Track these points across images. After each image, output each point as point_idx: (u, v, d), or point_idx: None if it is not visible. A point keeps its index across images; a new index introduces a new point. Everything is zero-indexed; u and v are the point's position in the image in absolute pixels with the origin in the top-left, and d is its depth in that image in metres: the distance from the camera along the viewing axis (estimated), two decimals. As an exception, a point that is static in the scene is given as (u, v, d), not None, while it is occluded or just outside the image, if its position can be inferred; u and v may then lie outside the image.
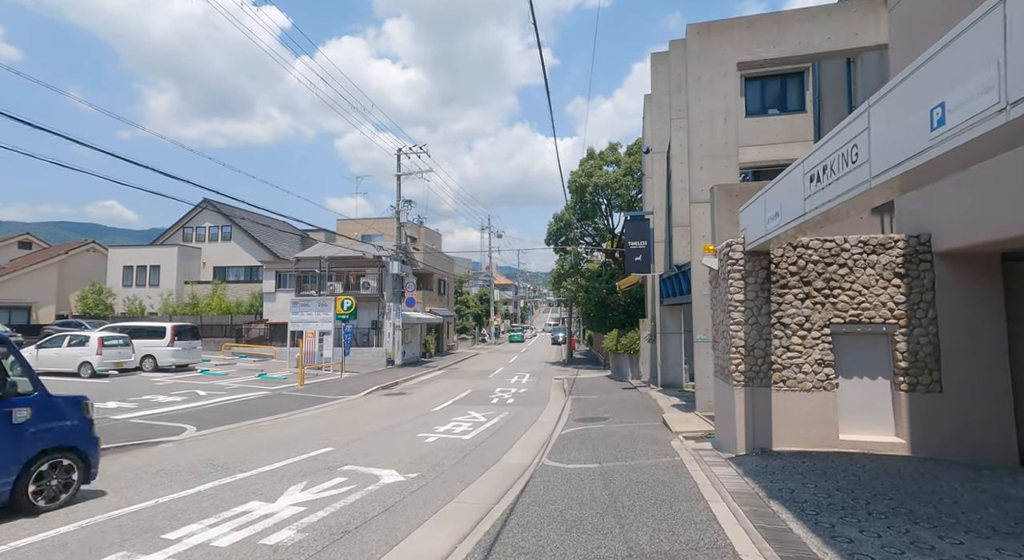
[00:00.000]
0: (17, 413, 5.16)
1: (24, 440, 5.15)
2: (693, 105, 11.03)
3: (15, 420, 5.11)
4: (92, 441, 5.85)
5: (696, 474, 6.05)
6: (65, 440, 5.55)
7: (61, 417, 5.63)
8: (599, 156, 29.98)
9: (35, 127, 8.48)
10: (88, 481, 5.76)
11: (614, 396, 15.14)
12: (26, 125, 8.37)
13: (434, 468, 7.31)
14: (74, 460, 5.60)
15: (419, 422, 11.24)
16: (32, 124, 8.40)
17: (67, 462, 5.52)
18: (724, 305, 7.32)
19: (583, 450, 8.03)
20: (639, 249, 16.70)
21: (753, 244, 6.74)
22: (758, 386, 6.86)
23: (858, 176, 3.73)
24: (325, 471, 6.96)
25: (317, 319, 24.39)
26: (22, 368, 5.50)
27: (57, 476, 5.42)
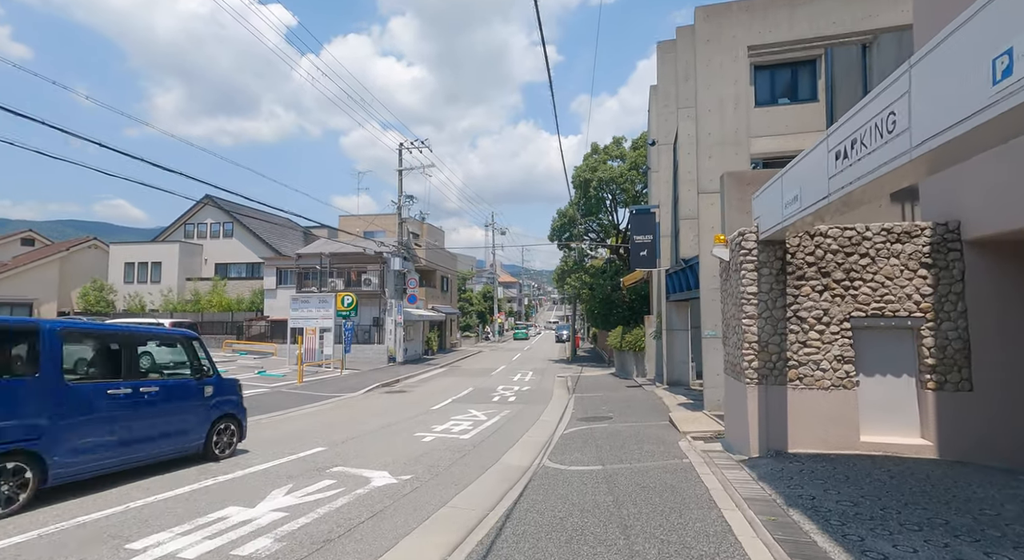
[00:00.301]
0: (207, 390, 7.22)
1: (210, 409, 7.22)
2: (702, 92, 10.57)
3: (205, 395, 7.18)
4: (243, 412, 7.91)
5: (707, 478, 5.65)
6: (230, 410, 7.57)
7: (228, 393, 7.63)
8: (603, 151, 29.49)
9: (42, 123, 8.40)
10: (241, 440, 7.78)
11: (618, 394, 14.73)
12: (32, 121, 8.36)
13: (429, 469, 6.94)
14: (235, 425, 7.64)
15: (417, 421, 10.88)
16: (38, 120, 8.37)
17: (232, 426, 7.58)
18: (736, 298, 6.90)
19: (586, 451, 7.64)
20: (644, 243, 16.26)
21: (767, 233, 6.31)
22: (772, 384, 6.44)
23: (895, 147, 3.31)
24: (314, 472, 6.60)
25: (318, 316, 24.10)
26: (207, 358, 7.47)
27: (226, 435, 7.46)
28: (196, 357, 7.28)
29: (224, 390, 7.53)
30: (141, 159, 10.41)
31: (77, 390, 5.56)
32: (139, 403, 6.18)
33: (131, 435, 6.02)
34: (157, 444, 6.37)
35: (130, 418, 6.04)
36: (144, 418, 6.22)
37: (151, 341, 6.87)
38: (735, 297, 6.94)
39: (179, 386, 6.86)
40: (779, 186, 5.73)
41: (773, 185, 5.91)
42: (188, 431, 6.83)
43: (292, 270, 28.82)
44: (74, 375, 5.71)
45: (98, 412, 5.70)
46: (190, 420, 6.87)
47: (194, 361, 7.23)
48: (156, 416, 6.39)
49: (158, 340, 7.01)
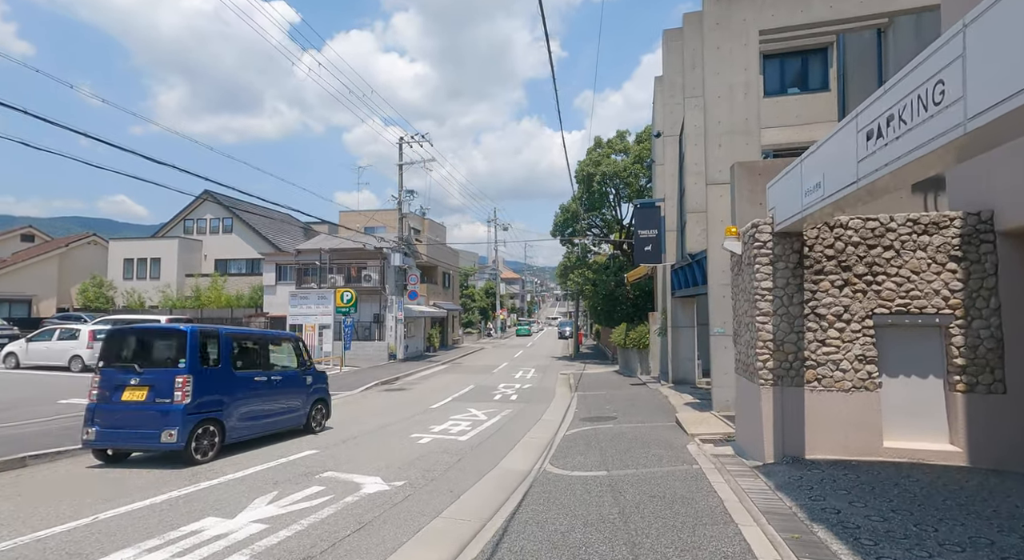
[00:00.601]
0: (308, 379, 9.07)
1: (310, 393, 9.07)
2: (710, 79, 10.12)
3: (307, 383, 9.03)
4: (329, 397, 9.75)
5: (720, 487, 5.26)
6: (322, 395, 9.43)
7: (321, 382, 9.49)
8: (607, 144, 29.00)
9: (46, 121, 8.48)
10: (327, 419, 9.61)
11: (623, 392, 14.34)
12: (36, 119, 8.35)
13: (424, 474, 6.58)
14: (325, 406, 9.52)
15: (415, 421, 10.53)
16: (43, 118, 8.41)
17: (323, 407, 9.44)
18: (749, 294, 6.49)
19: (589, 454, 7.26)
20: (649, 238, 15.82)
21: (783, 224, 5.89)
22: (788, 385, 6.03)
23: (944, 121, 2.89)
24: (301, 478, 6.25)
25: (317, 312, 23.81)
26: (307, 353, 9.46)
27: (319, 414, 9.27)
28: (301, 354, 9.26)
29: (318, 380, 9.46)
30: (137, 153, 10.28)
31: (239, 377, 7.66)
32: (271, 387, 8.24)
33: (267, 410, 8.13)
34: (280, 418, 8.42)
35: (266, 398, 8.11)
36: (273, 399, 8.27)
37: (274, 342, 8.93)
38: (748, 293, 6.54)
39: (292, 375, 8.80)
40: (798, 173, 5.31)
41: (791, 172, 5.49)
42: (297, 410, 8.78)
43: (291, 266, 28.51)
44: (236, 367, 7.69)
45: (249, 393, 7.76)
46: (298, 401, 8.81)
47: (300, 357, 9.20)
48: (280, 398, 8.40)
49: (278, 341, 9.14)
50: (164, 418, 6.56)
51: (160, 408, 6.60)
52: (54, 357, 16.79)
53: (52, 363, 16.80)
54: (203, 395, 6.87)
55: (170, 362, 6.89)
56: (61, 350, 16.79)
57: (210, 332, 7.46)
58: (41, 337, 17.30)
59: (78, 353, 16.65)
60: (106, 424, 6.70)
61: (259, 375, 8.09)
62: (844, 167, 4.18)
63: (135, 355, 7.10)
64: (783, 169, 6.24)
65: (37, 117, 8.30)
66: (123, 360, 7.07)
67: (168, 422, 6.54)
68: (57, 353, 16.79)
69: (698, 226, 12.74)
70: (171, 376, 6.70)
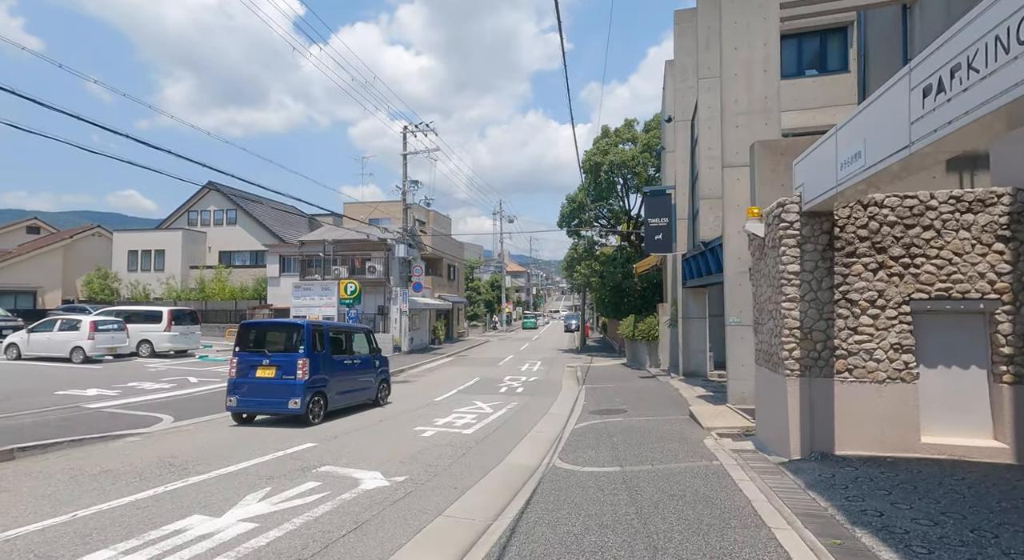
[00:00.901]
0: (376, 362, 10.94)
1: (378, 374, 10.91)
2: (728, 55, 9.61)
3: (376, 365, 10.89)
4: (390, 377, 11.79)
5: (745, 485, 4.86)
6: (385, 376, 11.33)
7: (384, 365, 11.33)
8: (614, 133, 28.41)
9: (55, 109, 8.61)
10: (389, 394, 11.58)
11: (632, 385, 13.96)
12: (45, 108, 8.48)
13: (426, 469, 6.23)
14: (387, 385, 11.42)
15: (418, 413, 10.20)
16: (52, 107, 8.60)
17: (386, 386, 11.31)
18: (773, 279, 6.06)
19: (600, 449, 6.89)
20: (660, 226, 15.34)
21: (813, 202, 5.45)
22: (817, 376, 5.61)
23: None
24: (297, 473, 5.92)
25: (320, 304, 23.56)
26: (375, 340, 11.35)
27: (384, 391, 11.15)
28: (372, 343, 11.14)
29: (383, 363, 11.33)
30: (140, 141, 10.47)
31: (335, 360, 9.47)
32: (353, 369, 10.07)
33: (352, 387, 10.00)
34: (359, 393, 10.34)
35: (351, 377, 9.97)
36: (355, 377, 10.12)
37: (355, 333, 10.80)
38: (772, 278, 6.10)
39: (366, 359, 10.67)
40: (832, 144, 4.85)
41: (825, 144, 5.03)
42: (370, 386, 10.68)
43: (295, 258, 28.24)
44: (332, 353, 9.41)
45: (342, 373, 9.61)
46: (370, 380, 10.69)
47: (371, 345, 11.08)
48: (359, 376, 10.28)
49: (358, 332, 10.99)
50: (290, 390, 8.50)
51: (286, 383, 8.53)
52: (55, 348, 16.61)
53: (53, 354, 16.62)
54: (314, 373, 8.81)
55: (292, 348, 8.80)
56: (62, 341, 16.60)
57: (316, 326, 9.30)
58: (42, 328, 17.12)
59: (79, 344, 16.46)
60: (244, 394, 8.73)
61: (347, 359, 9.99)
62: (892, 131, 3.73)
63: (264, 343, 9.07)
64: (810, 145, 5.80)
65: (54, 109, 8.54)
66: (255, 346, 9.00)
67: (293, 393, 8.49)
68: (58, 344, 16.60)
69: (712, 213, 12.27)
70: (294, 359, 8.65)
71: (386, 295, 26.71)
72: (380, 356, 11.20)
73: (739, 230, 9.62)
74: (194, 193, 34.59)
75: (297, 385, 8.49)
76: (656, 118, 27.13)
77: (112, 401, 10.64)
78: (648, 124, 27.92)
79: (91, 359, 16.63)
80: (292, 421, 8.69)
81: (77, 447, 7.15)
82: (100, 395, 11.30)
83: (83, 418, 8.91)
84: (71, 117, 8.74)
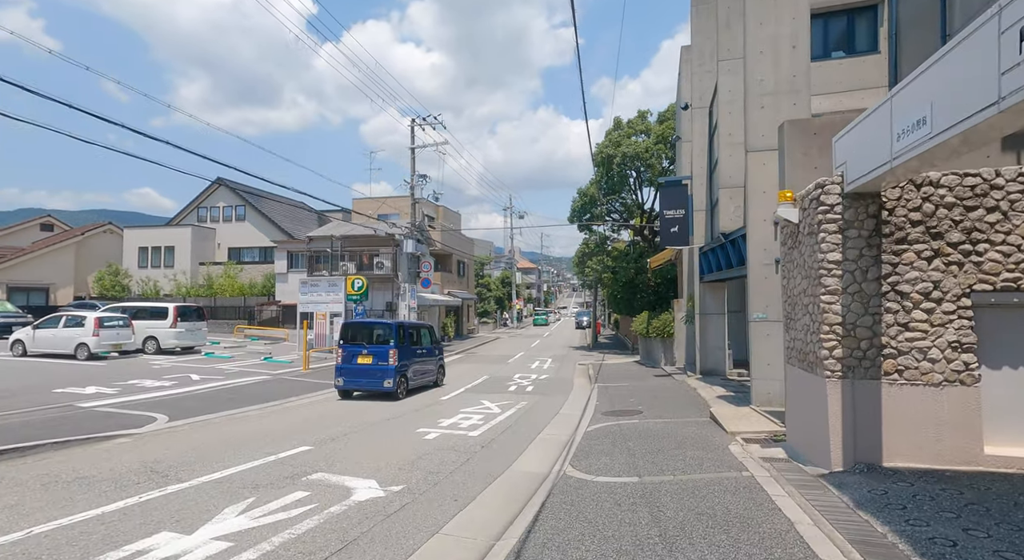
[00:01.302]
0: (436, 351, 13.49)
1: (437, 361, 13.40)
2: (752, 31, 8.93)
3: (436, 354, 13.37)
4: (444, 363, 14.15)
5: (783, 502, 4.28)
6: (441, 362, 13.70)
7: (441, 354, 13.83)
8: (627, 125, 27.66)
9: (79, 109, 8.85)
10: (444, 376, 13.79)
11: (646, 384, 13.35)
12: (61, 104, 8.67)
13: (427, 477, 5.74)
14: (442, 370, 13.72)
15: (423, 413, 9.73)
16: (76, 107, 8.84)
17: (442, 371, 13.66)
18: (810, 269, 5.44)
19: (615, 455, 6.33)
20: (676, 218, 14.67)
21: (858, 182, 4.82)
22: (861, 378, 4.99)
23: None
24: (286, 481, 5.46)
25: (328, 300, 23.19)
26: (436, 335, 14.03)
27: (440, 374, 13.48)
28: (432, 335, 13.55)
29: (440, 352, 13.96)
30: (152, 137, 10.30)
31: (412, 349, 11.82)
32: (422, 356, 12.38)
33: (421, 370, 12.29)
34: (426, 377, 12.62)
35: (421, 363, 12.27)
36: (423, 363, 12.44)
37: (423, 329, 13.18)
38: (808, 268, 5.48)
39: (429, 349, 13.03)
40: (884, 113, 4.22)
41: (874, 114, 4.40)
42: (432, 372, 13.06)
43: (303, 253, 28.00)
44: (409, 344, 11.70)
45: (415, 360, 11.92)
46: (433, 366, 13.10)
47: (432, 338, 13.47)
48: (425, 362, 12.58)
49: (425, 328, 13.37)
50: (385, 373, 11.00)
51: (381, 367, 11.02)
52: (60, 345, 16.45)
53: (58, 351, 16.47)
54: (400, 360, 11.20)
55: (384, 341, 11.26)
56: (67, 337, 16.43)
57: (400, 324, 11.85)
58: (47, 324, 16.97)
59: (84, 341, 16.27)
60: (348, 377, 11.21)
61: (418, 349, 12.37)
62: (973, 87, 3.11)
63: (362, 337, 11.51)
64: (844, 126, 5.16)
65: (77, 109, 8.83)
66: (355, 340, 11.42)
67: (387, 375, 10.99)
68: (63, 341, 16.44)
69: (732, 202, 11.59)
70: (387, 349, 11.11)
71: (394, 291, 26.33)
72: (439, 346, 14.05)
73: (764, 219, 8.97)
74: (203, 189, 34.54)
75: (390, 369, 11.02)
76: (671, 108, 26.33)
77: (109, 400, 10.32)
78: (662, 115, 27.12)
79: (96, 356, 16.43)
80: (384, 396, 11.22)
81: (60, 450, 6.78)
82: (98, 393, 11.00)
83: (75, 418, 8.58)
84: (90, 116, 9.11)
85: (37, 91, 8.10)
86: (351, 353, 11.24)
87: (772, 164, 8.90)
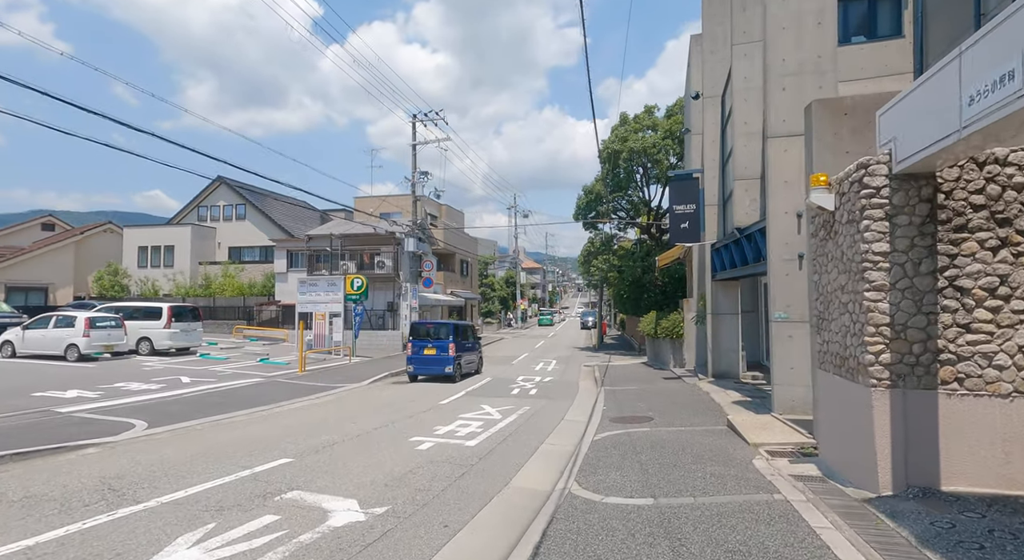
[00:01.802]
0: (477, 345, 16.79)
1: (478, 353, 16.51)
2: (774, 8, 8.27)
3: (478, 348, 16.66)
4: (483, 355, 17.25)
5: (830, 537, 3.61)
6: (480, 355, 16.72)
7: (479, 348, 16.88)
8: (633, 120, 26.95)
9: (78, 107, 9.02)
10: (483, 366, 16.72)
11: (656, 387, 12.68)
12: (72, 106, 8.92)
13: (414, 496, 5.11)
14: (481, 361, 16.71)
15: (419, 420, 9.12)
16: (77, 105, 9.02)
17: (481, 361, 16.71)
18: (849, 262, 4.77)
19: (626, 470, 5.69)
20: (686, 214, 13.98)
21: (910, 161, 4.15)
22: (914, 387, 4.32)
23: None
24: (257, 501, 4.85)
25: (327, 300, 22.63)
26: (477, 332, 19.68)
27: (480, 365, 16.46)
28: (474, 333, 17.05)
29: (479, 346, 16.83)
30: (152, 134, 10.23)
31: (462, 343, 14.72)
32: (468, 349, 15.29)
33: (468, 361, 15.19)
34: (470, 365, 15.47)
35: (468, 354, 15.19)
36: (469, 354, 15.41)
37: (468, 328, 16.21)
38: (848, 261, 4.81)
39: (472, 344, 15.98)
40: (952, 73, 3.55)
41: (937, 77, 3.73)
42: (475, 362, 16.02)
43: (303, 253, 27.49)
44: (460, 339, 14.58)
45: (465, 351, 14.88)
46: (475, 357, 16.04)
47: (474, 335, 16.90)
48: (471, 354, 15.57)
49: (468, 328, 16.37)
50: (446, 361, 13.93)
51: (442, 358, 13.94)
52: (50, 346, 15.98)
53: (49, 352, 16.00)
54: (456, 352, 14.10)
55: (444, 337, 14.22)
56: (56, 338, 15.96)
57: (456, 324, 15.00)
58: (37, 325, 16.51)
59: (74, 342, 15.79)
60: (417, 365, 14.18)
61: (467, 343, 15.34)
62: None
63: (427, 335, 14.47)
64: (880, 107, 4.50)
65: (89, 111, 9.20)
66: (422, 336, 14.45)
67: (447, 363, 13.93)
68: (52, 341, 15.97)
69: (748, 195, 10.91)
70: (447, 343, 14.04)
71: (395, 291, 25.77)
72: (479, 341, 17.27)
73: (786, 211, 8.30)
74: (203, 188, 34.15)
75: (449, 358, 13.95)
76: (679, 103, 25.60)
77: (88, 404, 9.78)
78: (670, 109, 26.41)
79: (86, 357, 15.95)
80: (445, 379, 14.03)
81: (21, 461, 6.22)
82: (79, 397, 10.47)
83: (48, 424, 8.03)
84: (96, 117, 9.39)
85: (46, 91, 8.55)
86: (419, 346, 14.28)
87: (794, 151, 8.22)
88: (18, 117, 8.63)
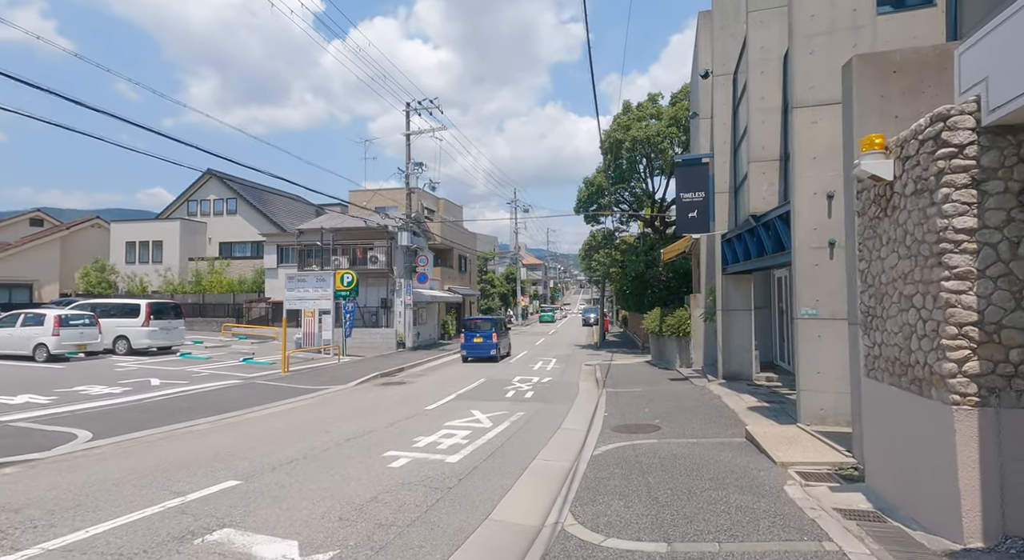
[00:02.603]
0: (508, 334, 21.83)
1: (508, 340, 21.42)
2: (798, -42, 7.19)
3: (508, 336, 21.49)
4: (511, 341, 22.37)
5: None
6: (509, 342, 21.54)
7: (508, 335, 21.80)
8: (636, 108, 25.81)
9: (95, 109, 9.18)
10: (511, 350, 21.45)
11: (661, 389, 11.68)
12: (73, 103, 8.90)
13: (371, 535, 4.14)
14: (510, 347, 21.59)
15: (399, 429, 8.15)
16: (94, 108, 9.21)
17: (509, 347, 21.35)
18: (919, 244, 3.75)
19: (631, 498, 4.71)
20: (694, 202, 12.91)
21: (1010, 107, 3.12)
22: (1011, 406, 3.31)
23: None
24: (168, 547, 3.88)
25: (316, 296, 21.64)
26: (507, 324, 26.05)
27: (509, 349, 21.17)
28: (505, 325, 21.39)
29: (507, 332, 21.39)
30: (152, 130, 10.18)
31: (501, 332, 19.41)
32: (503, 336, 19.49)
33: (505, 344, 19.86)
34: (503, 350, 19.51)
35: (503, 340, 19.64)
36: (504, 340, 19.77)
37: (501, 321, 20.34)
38: (916, 243, 3.79)
39: (504, 333, 20.12)
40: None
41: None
42: (508, 345, 20.49)
43: (293, 248, 26.52)
44: (499, 329, 19.09)
45: (503, 339, 19.50)
46: (506, 343, 20.11)
47: (505, 325, 21.34)
48: (503, 340, 19.40)
49: (503, 321, 21.23)
50: (491, 346, 18.12)
51: (488, 344, 18.12)
52: (18, 345, 15.07)
53: (16, 352, 15.09)
54: (498, 339, 18.30)
55: (490, 328, 18.51)
56: (24, 337, 15.05)
57: (496, 318, 20.40)
58: (5, 323, 15.59)
59: (42, 341, 14.87)
60: (469, 349, 18.27)
61: (502, 332, 19.20)
62: None
63: (476, 327, 18.77)
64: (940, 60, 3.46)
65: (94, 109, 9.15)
66: (471, 328, 18.70)
67: (492, 348, 18.11)
68: (20, 341, 15.05)
69: (765, 178, 9.85)
70: (491, 333, 18.25)
71: (389, 287, 24.80)
72: (508, 331, 21.70)
73: (815, 192, 7.27)
74: (193, 182, 33.20)
75: (493, 344, 18.07)
76: (684, 89, 24.47)
77: (35, 411, 8.86)
78: (675, 96, 25.26)
79: (57, 357, 15.04)
80: (489, 359, 18.08)
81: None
82: (28, 403, 9.54)
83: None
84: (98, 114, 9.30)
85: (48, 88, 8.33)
86: (470, 335, 18.35)
87: (825, 122, 7.18)
88: (21, 114, 8.65)
